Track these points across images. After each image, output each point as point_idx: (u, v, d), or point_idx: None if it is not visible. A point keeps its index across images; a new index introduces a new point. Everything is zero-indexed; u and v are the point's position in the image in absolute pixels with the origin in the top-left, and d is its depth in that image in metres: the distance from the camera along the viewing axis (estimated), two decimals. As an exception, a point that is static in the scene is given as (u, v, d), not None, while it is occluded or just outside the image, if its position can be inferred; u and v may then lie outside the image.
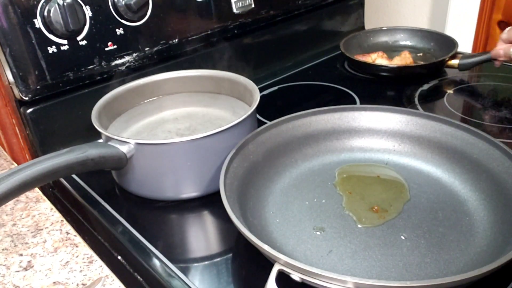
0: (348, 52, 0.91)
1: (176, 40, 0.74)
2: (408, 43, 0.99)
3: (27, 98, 0.62)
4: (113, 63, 0.68)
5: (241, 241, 0.51)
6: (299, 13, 0.94)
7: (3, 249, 0.49)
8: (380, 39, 1.00)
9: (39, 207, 0.56)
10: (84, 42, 0.64)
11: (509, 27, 0.76)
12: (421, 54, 0.95)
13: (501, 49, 0.77)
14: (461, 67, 0.85)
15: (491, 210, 0.51)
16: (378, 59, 0.89)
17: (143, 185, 0.57)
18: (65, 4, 0.59)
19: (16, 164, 0.65)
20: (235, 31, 0.83)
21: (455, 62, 0.85)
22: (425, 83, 0.85)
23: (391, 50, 0.96)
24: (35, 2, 0.58)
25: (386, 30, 1.00)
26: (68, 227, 0.52)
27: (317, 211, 0.53)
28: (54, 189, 0.68)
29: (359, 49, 0.96)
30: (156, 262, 0.49)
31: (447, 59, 0.85)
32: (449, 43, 0.89)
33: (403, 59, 0.89)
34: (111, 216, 0.56)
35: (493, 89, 0.83)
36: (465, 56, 0.85)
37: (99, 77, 0.67)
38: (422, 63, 0.88)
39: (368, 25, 1.12)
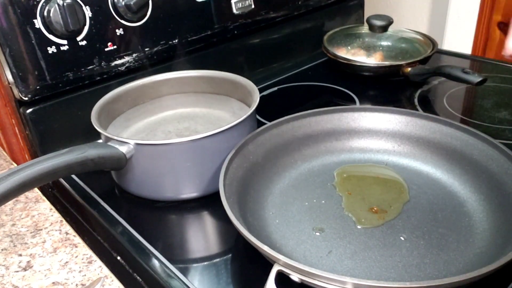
0: (331, 45, 0.91)
1: (176, 40, 0.74)
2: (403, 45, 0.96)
3: (26, 98, 0.62)
4: (113, 64, 0.68)
5: (241, 242, 0.51)
6: (299, 13, 0.94)
7: (2, 249, 0.49)
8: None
9: (38, 207, 0.56)
10: (84, 43, 0.64)
11: None
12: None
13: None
14: (411, 77, 0.84)
15: (491, 211, 0.51)
16: (349, 55, 0.88)
17: (142, 186, 0.57)
18: (65, 4, 0.59)
19: (15, 164, 0.65)
20: (235, 32, 0.82)
21: (408, 70, 0.84)
22: (424, 84, 0.85)
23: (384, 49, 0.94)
24: (35, 2, 0.58)
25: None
26: (67, 227, 0.52)
27: (317, 211, 0.53)
28: (53, 189, 0.68)
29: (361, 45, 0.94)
30: (155, 262, 0.49)
31: (404, 65, 0.84)
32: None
33: (371, 59, 0.87)
34: (110, 217, 0.56)
35: (493, 89, 0.83)
36: (418, 67, 0.84)
37: (99, 78, 0.67)
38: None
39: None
